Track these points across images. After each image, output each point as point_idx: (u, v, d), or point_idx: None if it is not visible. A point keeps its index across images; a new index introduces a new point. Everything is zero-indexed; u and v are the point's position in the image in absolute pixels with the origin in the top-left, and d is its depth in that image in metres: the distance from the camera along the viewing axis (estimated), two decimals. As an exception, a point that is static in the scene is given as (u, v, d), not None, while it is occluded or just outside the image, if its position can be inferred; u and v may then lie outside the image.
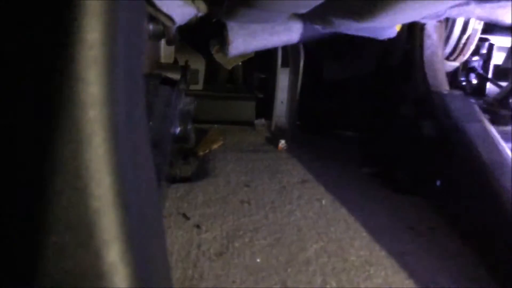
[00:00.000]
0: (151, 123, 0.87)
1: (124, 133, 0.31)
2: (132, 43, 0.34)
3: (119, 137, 0.30)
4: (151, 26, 0.96)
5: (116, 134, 0.30)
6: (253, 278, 0.71)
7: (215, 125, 1.37)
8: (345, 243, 0.82)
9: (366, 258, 0.79)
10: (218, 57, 1.31)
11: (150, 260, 0.33)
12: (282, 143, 1.26)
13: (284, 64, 1.34)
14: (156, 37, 1.00)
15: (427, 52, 1.11)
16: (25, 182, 0.30)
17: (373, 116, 1.31)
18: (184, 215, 0.87)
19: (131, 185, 0.32)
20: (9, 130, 0.30)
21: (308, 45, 1.33)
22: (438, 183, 0.95)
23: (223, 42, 1.24)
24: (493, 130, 0.89)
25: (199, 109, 1.26)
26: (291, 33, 1.18)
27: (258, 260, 0.76)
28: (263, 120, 1.40)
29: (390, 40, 1.19)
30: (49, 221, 0.30)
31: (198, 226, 0.84)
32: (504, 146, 0.85)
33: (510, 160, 0.80)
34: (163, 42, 1.18)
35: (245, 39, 1.18)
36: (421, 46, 1.13)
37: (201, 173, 1.09)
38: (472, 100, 1.06)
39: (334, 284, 0.70)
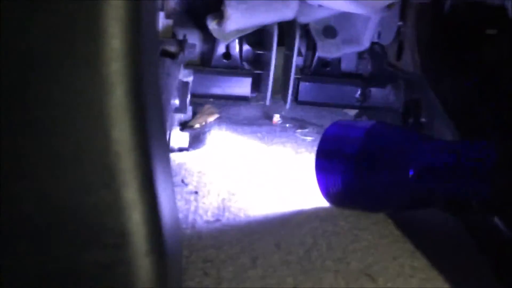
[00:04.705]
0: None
1: (143, 86, 0.35)
2: (149, 7, 0.37)
3: (139, 89, 0.34)
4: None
5: (136, 86, 0.34)
6: (248, 239, 0.76)
7: (211, 99, 1.40)
8: (335, 210, 0.87)
9: (354, 223, 0.83)
10: (215, 32, 1.34)
11: (163, 202, 0.37)
12: (277, 117, 1.30)
13: (280, 41, 1.37)
14: (156, 9, 1.03)
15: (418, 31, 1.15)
16: (54, 128, 0.34)
17: (365, 92, 1.35)
18: (182, 181, 0.91)
19: (148, 132, 0.35)
20: (40, 78, 0.33)
21: (303, 22, 1.35)
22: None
23: (221, 17, 1.27)
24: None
25: (195, 83, 1.29)
26: (288, 9, 1.21)
27: (252, 223, 0.80)
28: (258, 95, 1.43)
29: (383, 18, 1.23)
30: (76, 163, 0.34)
31: (195, 192, 0.89)
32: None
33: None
34: (161, 15, 1.20)
35: (243, 15, 1.21)
36: (412, 24, 1.16)
37: (197, 144, 1.13)
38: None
39: (324, 245, 0.75)
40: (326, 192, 0.85)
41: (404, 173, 0.74)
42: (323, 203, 0.88)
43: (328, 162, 0.86)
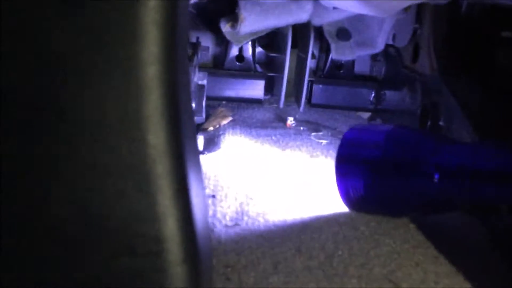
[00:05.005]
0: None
1: (177, 91, 0.34)
2: (183, 10, 0.36)
3: (174, 93, 0.33)
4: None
5: (172, 90, 0.33)
6: (268, 243, 0.75)
7: (224, 102, 1.40)
8: (354, 215, 0.86)
9: (375, 229, 0.82)
10: (228, 35, 1.33)
11: (197, 207, 0.37)
12: (291, 120, 1.30)
13: (294, 44, 1.36)
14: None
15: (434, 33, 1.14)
16: (90, 132, 0.33)
17: (379, 95, 1.34)
18: (200, 185, 0.90)
19: (183, 137, 0.35)
20: (76, 82, 0.33)
21: (317, 25, 1.35)
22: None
23: (235, 20, 1.27)
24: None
25: (208, 85, 1.29)
26: (302, 11, 1.20)
27: (272, 228, 0.79)
28: (271, 98, 1.42)
29: (398, 20, 1.22)
30: (111, 168, 0.33)
31: (213, 196, 0.88)
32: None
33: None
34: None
35: (257, 17, 1.21)
36: (429, 26, 1.15)
37: (212, 147, 1.12)
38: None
39: (345, 250, 0.74)
40: (347, 198, 0.84)
41: (428, 176, 0.73)
42: (341, 207, 0.87)
43: (348, 167, 0.85)
